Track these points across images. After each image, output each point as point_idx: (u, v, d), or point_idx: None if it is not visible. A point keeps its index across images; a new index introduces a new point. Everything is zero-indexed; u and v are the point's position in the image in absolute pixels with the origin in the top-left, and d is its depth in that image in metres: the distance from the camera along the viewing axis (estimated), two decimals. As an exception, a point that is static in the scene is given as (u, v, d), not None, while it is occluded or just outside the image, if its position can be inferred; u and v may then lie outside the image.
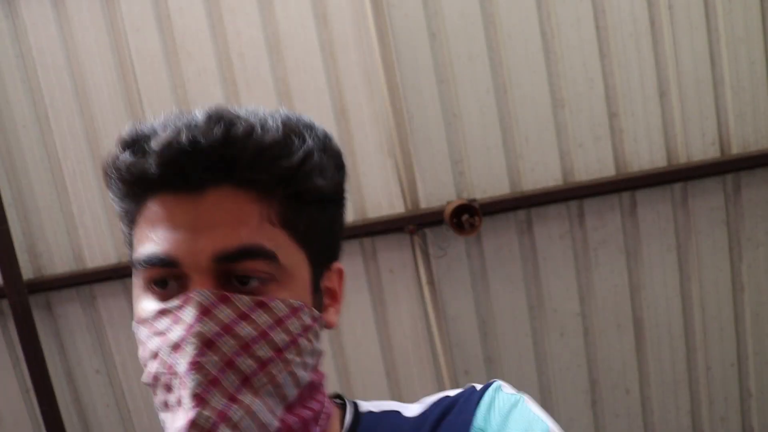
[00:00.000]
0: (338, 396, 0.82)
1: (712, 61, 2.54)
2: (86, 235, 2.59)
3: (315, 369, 0.72)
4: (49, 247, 2.61)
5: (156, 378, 0.65)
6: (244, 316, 0.64)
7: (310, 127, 0.71)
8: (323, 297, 0.75)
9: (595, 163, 2.56)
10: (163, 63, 2.51)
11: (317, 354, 0.72)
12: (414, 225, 2.50)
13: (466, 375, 2.65)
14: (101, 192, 2.57)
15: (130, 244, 0.72)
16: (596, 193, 2.55)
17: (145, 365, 0.67)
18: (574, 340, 2.66)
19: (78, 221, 2.58)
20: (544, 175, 2.55)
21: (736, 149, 2.56)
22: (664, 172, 2.54)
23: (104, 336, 2.65)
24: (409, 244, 2.57)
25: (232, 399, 0.62)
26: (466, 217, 2.41)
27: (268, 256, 0.65)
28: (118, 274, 2.57)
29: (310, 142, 0.69)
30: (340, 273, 0.78)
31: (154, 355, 0.65)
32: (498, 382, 0.79)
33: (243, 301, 0.64)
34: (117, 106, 2.53)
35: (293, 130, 0.69)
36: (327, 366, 2.59)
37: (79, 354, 2.66)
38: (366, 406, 0.82)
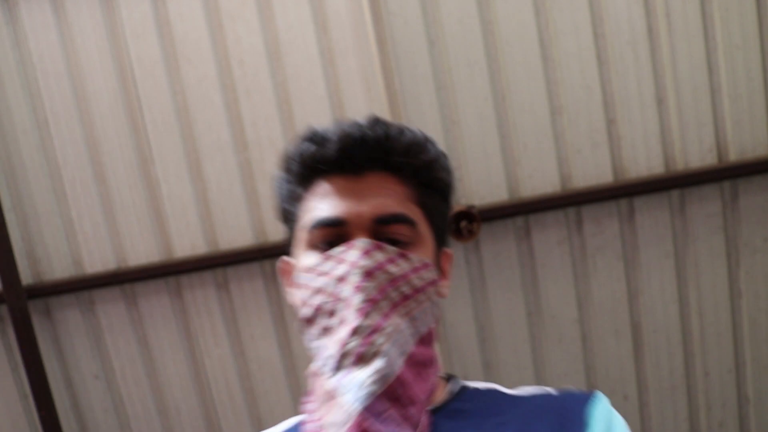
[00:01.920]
0: (446, 375, 1.00)
1: (709, 68, 2.55)
2: (85, 241, 2.60)
3: (436, 322, 0.89)
4: (49, 252, 2.61)
5: (319, 308, 0.82)
6: (391, 261, 0.83)
7: (434, 140, 0.94)
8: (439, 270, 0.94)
9: (593, 170, 2.56)
10: (163, 69, 2.52)
11: (438, 309, 0.90)
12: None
13: (464, 381, 2.65)
14: (101, 198, 2.58)
15: (294, 219, 0.92)
16: (594, 200, 2.55)
17: (307, 304, 0.84)
18: (572, 346, 2.67)
19: (77, 227, 2.59)
20: (542, 181, 2.56)
21: (733, 156, 2.58)
22: (661, 179, 2.55)
23: (103, 341, 2.65)
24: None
25: (385, 317, 0.79)
26: (465, 223, 2.42)
27: (412, 223, 0.87)
28: (117, 279, 2.58)
29: (438, 148, 0.94)
30: (450, 257, 0.98)
31: (319, 291, 0.83)
32: (602, 395, 0.92)
33: (390, 250, 0.83)
34: (117, 113, 2.54)
35: (427, 138, 0.93)
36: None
37: (78, 359, 2.66)
38: (470, 383, 0.99)
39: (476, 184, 2.55)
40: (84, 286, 2.59)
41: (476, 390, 0.97)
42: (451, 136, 2.54)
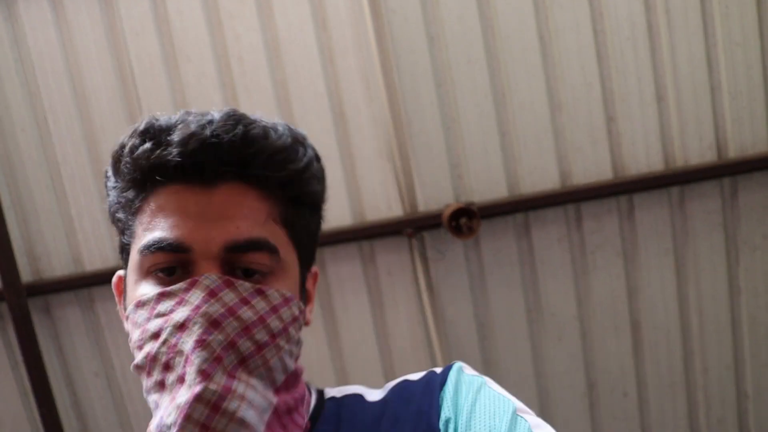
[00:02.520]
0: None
1: (709, 65, 2.55)
2: (85, 239, 2.59)
3: (297, 359, 0.77)
4: (48, 250, 2.61)
5: (155, 358, 0.67)
6: (245, 301, 0.68)
7: (305, 139, 0.79)
8: (304, 296, 0.81)
9: (592, 167, 2.57)
10: (163, 67, 2.51)
11: (300, 345, 0.76)
12: (412, 228, 2.51)
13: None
14: (100, 195, 2.57)
15: (129, 233, 0.75)
16: (594, 197, 2.56)
17: (140, 348, 0.69)
18: (571, 343, 2.67)
19: (77, 224, 2.59)
20: (542, 178, 2.56)
21: (733, 153, 2.58)
22: (661, 176, 2.55)
23: (103, 339, 2.65)
24: (407, 248, 2.58)
25: (231, 377, 0.65)
26: (465, 220, 2.42)
27: (272, 250, 0.71)
28: (117, 277, 2.58)
29: (310, 151, 0.77)
30: (316, 276, 0.85)
31: (155, 336, 0.68)
32: (458, 364, 0.82)
33: (245, 287, 0.69)
34: (116, 110, 2.53)
35: (297, 139, 0.76)
36: (325, 368, 2.59)
37: (78, 357, 2.66)
38: (330, 392, 0.86)
39: (476, 181, 2.55)
40: (84, 283, 2.59)
41: (334, 400, 0.84)
42: (451, 134, 2.54)
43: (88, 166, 2.56)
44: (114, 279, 0.83)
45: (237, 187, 0.71)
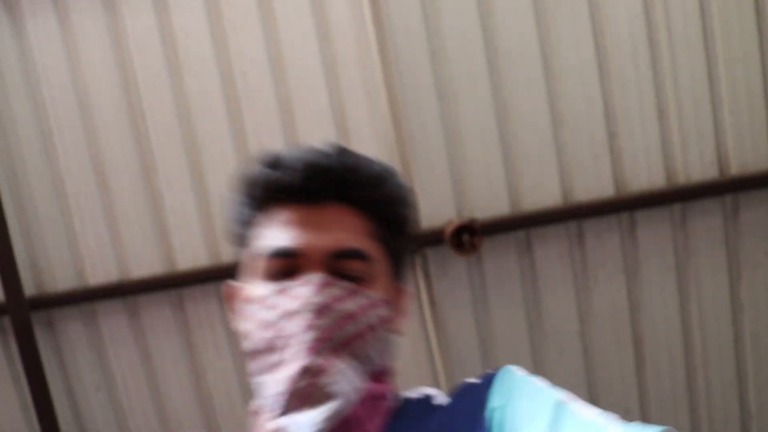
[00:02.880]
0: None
1: (710, 81, 2.56)
2: (89, 252, 2.60)
3: (391, 359, 0.89)
4: (51, 263, 2.61)
5: (266, 343, 0.80)
6: (344, 297, 0.81)
7: (396, 172, 0.94)
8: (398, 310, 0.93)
9: (594, 183, 2.57)
10: (167, 81, 2.53)
11: (393, 347, 0.89)
12: (414, 245, 2.51)
13: (466, 393, 2.65)
14: (104, 209, 2.58)
15: (243, 244, 0.91)
16: (596, 214, 2.56)
17: (254, 335, 0.82)
18: (573, 359, 2.66)
19: (80, 238, 2.59)
20: (543, 194, 2.57)
21: (735, 169, 2.58)
22: (663, 193, 2.55)
23: (105, 353, 2.65)
24: (409, 264, 2.57)
25: (335, 355, 0.77)
26: (467, 237, 2.42)
27: (368, 258, 0.85)
28: (120, 291, 2.58)
29: (399, 181, 0.93)
30: (407, 294, 0.98)
31: (266, 325, 0.80)
32: (509, 366, 0.92)
33: (344, 285, 0.82)
34: (120, 124, 2.55)
35: (389, 171, 0.91)
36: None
37: (80, 371, 2.66)
38: (404, 393, 0.96)
39: (478, 197, 2.56)
40: (86, 297, 2.59)
41: (410, 401, 0.93)
42: (453, 148, 2.54)
43: (92, 179, 2.57)
44: (224, 288, 0.96)
45: (340, 206, 0.86)
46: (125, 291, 2.58)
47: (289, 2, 2.49)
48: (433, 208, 2.55)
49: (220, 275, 2.55)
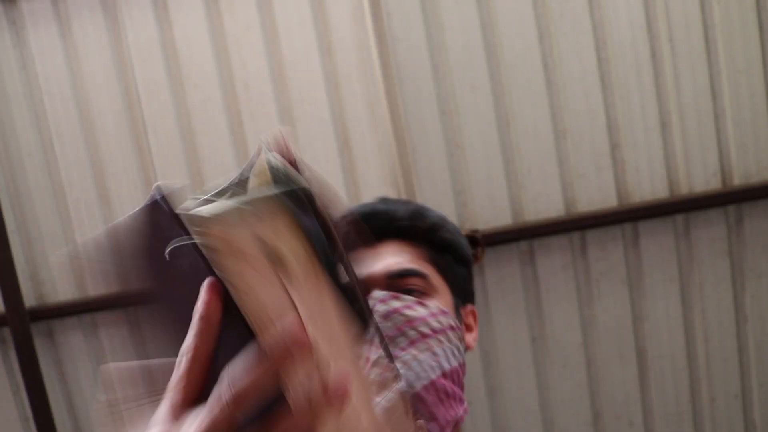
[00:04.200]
0: None
1: (713, 92, 2.56)
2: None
3: (462, 366, 0.94)
4: (52, 274, 2.61)
5: None
6: (409, 307, 0.89)
7: (443, 216, 1.07)
8: (462, 324, 1.01)
9: (597, 194, 2.56)
10: (168, 92, 2.53)
11: (462, 354, 0.94)
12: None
13: (469, 406, 2.63)
14: (104, 220, 2.58)
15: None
16: (598, 224, 2.55)
17: None
18: (576, 371, 2.65)
19: (81, 249, 2.58)
20: (546, 205, 2.56)
21: (738, 180, 2.57)
22: (666, 203, 2.54)
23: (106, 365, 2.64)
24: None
25: (403, 349, 0.85)
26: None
27: (421, 275, 0.95)
28: (121, 302, 2.57)
29: (441, 214, 1.06)
30: (474, 314, 1.07)
31: None
32: None
33: (407, 298, 0.91)
34: (122, 135, 2.55)
35: (425, 206, 1.06)
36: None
37: (80, 382, 2.65)
38: None
39: (480, 208, 2.55)
40: (87, 308, 2.58)
41: None
42: (455, 161, 2.54)
43: (93, 190, 2.56)
44: None
45: (397, 241, 0.99)
46: (126, 302, 2.56)
47: (291, 14, 2.49)
48: (435, 219, 2.54)
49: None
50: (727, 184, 2.58)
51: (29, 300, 2.59)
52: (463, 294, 1.03)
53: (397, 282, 0.93)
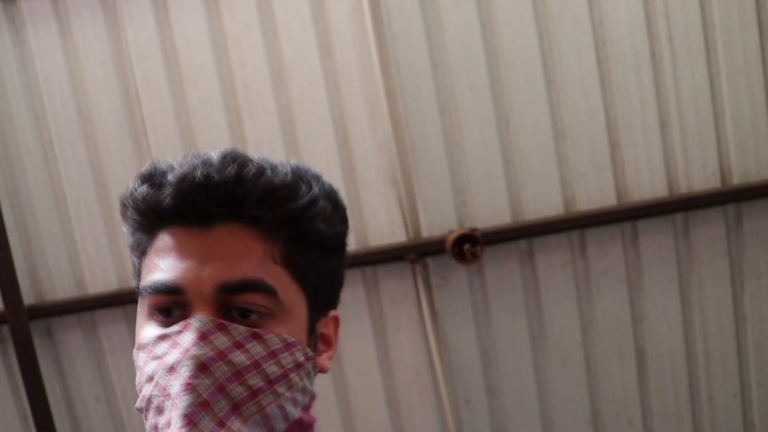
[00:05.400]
0: None
1: (712, 92, 2.56)
2: (88, 262, 2.59)
3: (306, 408, 0.73)
4: (51, 273, 2.61)
5: (149, 401, 0.66)
6: (238, 345, 0.66)
7: (317, 178, 0.75)
8: (318, 341, 0.77)
9: (596, 193, 2.56)
10: (168, 91, 2.53)
11: (309, 394, 0.73)
12: (415, 254, 2.51)
13: (468, 405, 2.64)
14: (104, 219, 2.58)
15: (138, 274, 0.75)
16: (598, 223, 2.55)
17: (140, 390, 0.69)
18: (575, 370, 2.65)
19: (80, 247, 2.59)
20: (545, 204, 2.56)
21: (737, 179, 2.57)
22: (665, 202, 2.55)
23: (105, 363, 2.64)
24: (410, 273, 2.57)
25: (221, 424, 0.63)
26: (468, 246, 2.41)
27: (268, 290, 0.68)
28: (120, 300, 2.57)
29: (316, 189, 0.73)
30: (336, 320, 0.80)
31: (150, 379, 0.67)
32: None
33: (239, 330, 0.66)
34: (121, 134, 2.54)
35: (301, 177, 0.73)
36: (328, 394, 2.57)
37: (79, 381, 2.65)
38: None
39: (480, 207, 2.55)
40: (86, 306, 2.58)
41: None
42: (455, 160, 2.54)
43: (92, 189, 2.56)
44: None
45: (234, 227, 0.69)
46: (125, 300, 2.57)
47: (291, 13, 2.49)
48: (435, 218, 2.54)
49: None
50: (727, 184, 2.58)
51: (28, 298, 2.58)
52: (325, 302, 0.78)
53: (231, 298, 0.67)
